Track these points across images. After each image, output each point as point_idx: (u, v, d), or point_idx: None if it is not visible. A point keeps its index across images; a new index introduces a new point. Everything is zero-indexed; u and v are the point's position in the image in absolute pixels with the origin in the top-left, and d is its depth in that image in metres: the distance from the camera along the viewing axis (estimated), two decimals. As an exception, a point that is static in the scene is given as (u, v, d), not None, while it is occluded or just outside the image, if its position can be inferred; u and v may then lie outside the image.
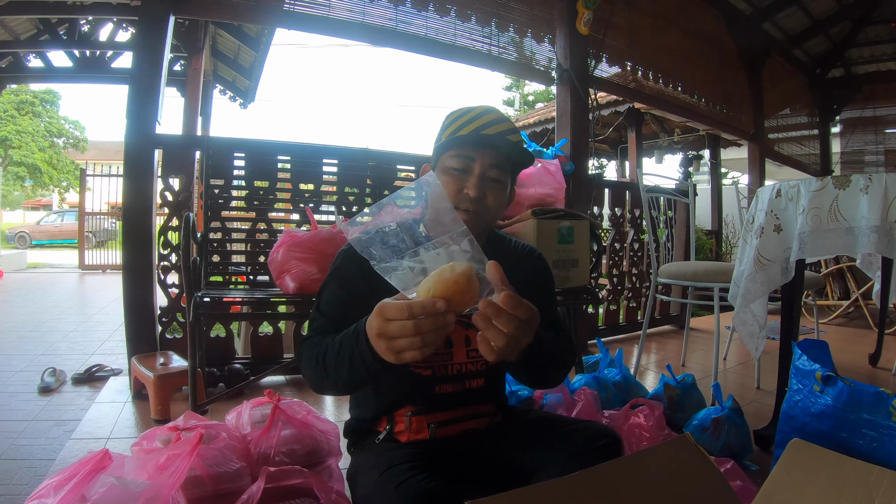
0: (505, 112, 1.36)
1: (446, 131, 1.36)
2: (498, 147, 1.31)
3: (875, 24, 6.99)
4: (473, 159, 1.30)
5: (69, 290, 8.35)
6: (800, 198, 2.05)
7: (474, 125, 1.32)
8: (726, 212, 7.57)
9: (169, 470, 1.26)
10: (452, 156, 1.32)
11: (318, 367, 1.17)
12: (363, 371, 1.07)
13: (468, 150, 1.31)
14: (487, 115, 1.34)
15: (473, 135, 1.30)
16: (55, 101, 20.69)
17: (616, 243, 4.64)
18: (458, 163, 1.31)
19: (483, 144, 1.30)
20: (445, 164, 1.33)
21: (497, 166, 1.31)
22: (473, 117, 1.33)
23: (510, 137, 1.33)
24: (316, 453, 1.67)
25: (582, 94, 4.07)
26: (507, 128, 1.33)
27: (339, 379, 1.13)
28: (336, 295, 1.31)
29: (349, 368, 1.09)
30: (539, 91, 23.34)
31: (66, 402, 2.72)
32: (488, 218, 1.35)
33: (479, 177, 1.29)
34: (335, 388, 1.20)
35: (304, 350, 1.26)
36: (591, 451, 1.21)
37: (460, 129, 1.33)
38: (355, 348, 1.06)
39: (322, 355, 1.16)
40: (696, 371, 3.37)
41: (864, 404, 1.50)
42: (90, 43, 6.07)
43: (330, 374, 1.14)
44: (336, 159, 3.10)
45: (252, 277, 2.88)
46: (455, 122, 1.35)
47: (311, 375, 1.22)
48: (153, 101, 2.82)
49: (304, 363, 1.25)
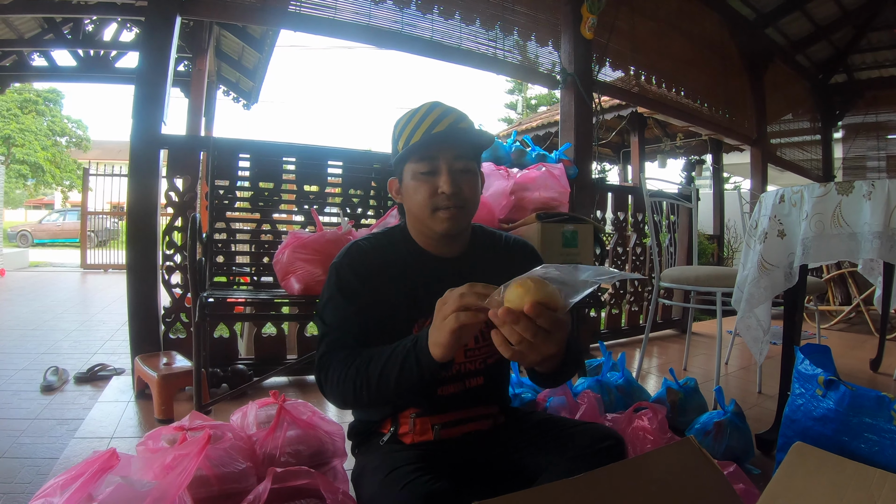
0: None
1: (400, 141, 1.36)
2: (453, 140, 1.32)
3: (878, 30, 6.98)
4: (437, 159, 1.30)
5: (71, 289, 8.35)
6: (803, 203, 2.06)
7: (425, 126, 1.32)
8: (728, 216, 7.57)
9: (176, 470, 1.27)
10: (415, 162, 1.32)
11: (359, 377, 1.18)
12: (416, 375, 1.11)
13: (428, 151, 1.31)
14: (433, 111, 1.34)
15: (427, 137, 1.30)
16: (58, 101, 20.65)
17: (619, 247, 4.65)
18: (424, 167, 1.31)
19: (439, 142, 1.31)
20: (412, 171, 1.33)
21: (461, 157, 1.32)
22: (421, 119, 1.33)
23: (461, 126, 1.33)
24: (321, 454, 1.68)
25: (586, 98, 4.08)
26: (454, 118, 1.33)
27: (385, 389, 1.15)
28: (342, 307, 1.31)
29: (398, 376, 1.13)
30: (542, 95, 23.37)
31: (69, 401, 2.73)
32: (470, 208, 1.35)
33: (448, 173, 1.30)
34: (376, 399, 1.20)
35: (328, 367, 1.25)
36: (595, 454, 1.22)
37: (413, 135, 1.33)
38: (411, 352, 1.12)
39: (365, 365, 1.18)
40: (698, 375, 3.37)
41: (867, 408, 1.51)
42: (94, 42, 6.07)
43: (373, 385, 1.16)
44: (340, 161, 3.11)
45: (256, 278, 2.89)
46: (405, 128, 1.35)
47: (344, 390, 1.21)
48: (159, 101, 2.82)
49: (330, 379, 1.24)
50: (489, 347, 1.42)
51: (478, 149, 1.41)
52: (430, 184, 1.30)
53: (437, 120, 1.32)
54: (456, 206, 1.30)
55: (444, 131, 1.31)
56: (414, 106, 1.38)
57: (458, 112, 1.35)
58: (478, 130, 1.39)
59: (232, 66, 7.77)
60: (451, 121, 1.33)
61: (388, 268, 1.36)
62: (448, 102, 1.36)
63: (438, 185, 1.29)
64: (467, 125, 1.35)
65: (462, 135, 1.33)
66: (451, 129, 1.31)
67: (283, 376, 3.20)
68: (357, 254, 1.37)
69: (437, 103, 1.36)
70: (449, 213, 1.30)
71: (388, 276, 1.35)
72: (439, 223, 1.32)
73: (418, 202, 1.32)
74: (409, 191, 1.35)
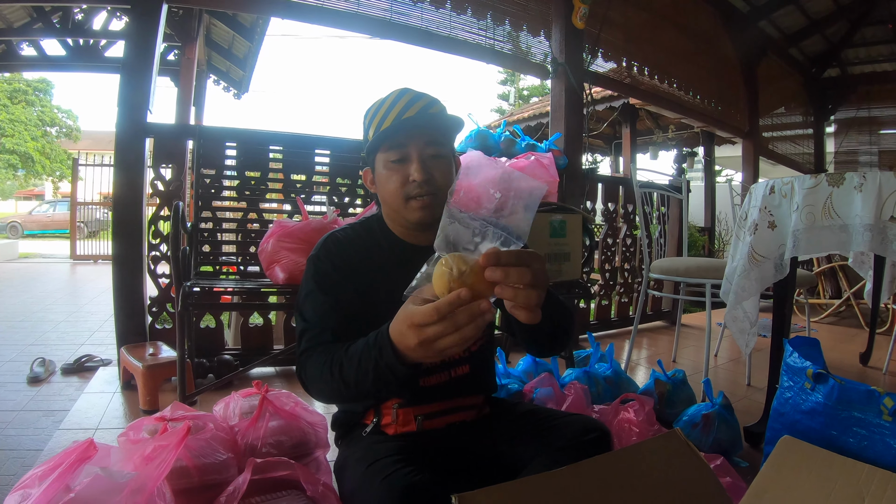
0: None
1: (371, 128, 1.34)
2: (424, 125, 1.29)
3: (872, 24, 7.00)
4: (406, 145, 1.28)
5: (60, 280, 8.31)
6: (794, 195, 2.05)
7: (394, 113, 1.29)
8: (719, 209, 7.58)
9: (155, 461, 1.25)
10: (386, 150, 1.30)
11: (334, 382, 1.14)
12: (392, 381, 1.04)
13: (398, 139, 1.28)
14: (402, 98, 1.31)
15: (397, 124, 1.28)
16: (48, 90, 20.57)
17: (608, 238, 4.65)
18: (394, 154, 1.29)
19: (409, 129, 1.28)
20: (383, 161, 1.31)
21: (432, 143, 1.30)
22: (390, 106, 1.31)
23: (431, 111, 1.31)
24: (303, 445, 1.67)
25: (577, 89, 4.06)
26: (424, 104, 1.31)
27: (364, 390, 1.10)
28: (321, 301, 1.28)
29: (375, 381, 1.06)
30: (534, 86, 23.39)
31: (55, 393, 2.71)
32: (442, 197, 1.30)
33: (418, 160, 1.27)
34: (356, 399, 1.19)
35: (307, 365, 1.23)
36: (581, 445, 1.21)
37: (382, 122, 1.30)
38: (380, 361, 1.03)
39: (339, 370, 1.13)
40: (687, 367, 3.37)
41: (856, 402, 1.50)
42: (84, 31, 6.00)
43: (352, 387, 1.11)
44: (328, 149, 3.09)
45: (243, 268, 2.87)
46: (375, 116, 1.33)
47: (325, 389, 1.18)
48: (145, 89, 2.79)
49: (311, 378, 1.21)
50: None
51: (449, 133, 1.38)
52: (401, 172, 1.28)
53: (406, 105, 1.30)
54: (428, 193, 1.28)
55: (413, 116, 1.29)
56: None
57: (428, 97, 1.33)
58: (447, 115, 1.36)
59: (222, 55, 7.73)
60: (421, 106, 1.30)
61: (366, 259, 1.34)
62: (443, 96, 1.34)
63: (409, 172, 1.27)
64: (438, 110, 1.33)
65: (431, 119, 1.30)
66: (420, 114, 1.29)
67: (270, 366, 3.18)
68: (334, 246, 1.35)
69: (407, 89, 1.34)
70: (421, 202, 1.28)
71: (367, 268, 1.33)
72: (412, 212, 1.30)
73: (390, 191, 1.30)
74: (381, 180, 1.33)
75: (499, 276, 0.88)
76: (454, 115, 1.36)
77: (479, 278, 0.88)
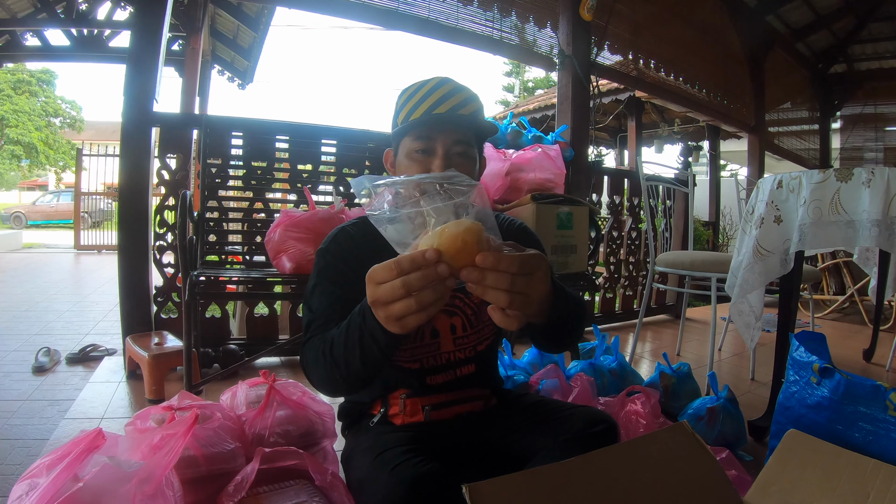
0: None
1: (401, 113, 1.30)
2: (455, 123, 1.26)
3: (879, 20, 6.96)
4: (434, 139, 1.25)
5: (64, 270, 8.31)
6: (801, 189, 2.04)
7: (427, 104, 1.26)
8: (724, 203, 7.58)
9: (163, 450, 1.25)
10: (412, 139, 1.26)
11: (326, 363, 1.12)
12: (376, 351, 1.01)
13: (426, 131, 1.25)
14: (439, 89, 1.28)
15: (426, 117, 1.25)
16: (52, 81, 20.58)
17: (614, 231, 4.63)
18: (420, 145, 1.25)
19: (438, 125, 1.25)
20: (407, 148, 1.27)
21: (460, 142, 1.26)
22: (425, 95, 1.27)
23: (463, 112, 1.27)
24: (311, 434, 1.67)
25: (583, 81, 4.05)
26: (459, 101, 1.27)
27: (353, 368, 1.07)
28: (328, 292, 1.26)
29: (361, 352, 1.04)
30: (539, 78, 23.33)
31: (61, 382, 2.71)
32: None
33: (443, 157, 1.24)
34: (349, 381, 1.13)
35: (307, 352, 1.21)
36: (588, 437, 1.20)
37: (415, 110, 1.27)
38: (364, 328, 1.01)
39: (329, 349, 1.12)
40: (691, 361, 3.36)
41: (862, 397, 1.50)
42: (88, 21, 5.99)
43: (341, 366, 1.09)
44: (335, 140, 3.09)
45: (248, 258, 2.87)
46: (409, 101, 1.29)
47: (321, 374, 1.17)
48: (151, 78, 2.79)
49: (309, 365, 1.20)
50: (478, 333, 1.40)
51: (480, 135, 1.34)
52: (423, 165, 1.25)
53: (442, 98, 1.26)
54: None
55: (445, 114, 1.25)
56: (421, 78, 1.33)
57: (466, 93, 1.29)
58: (480, 118, 1.32)
59: (227, 45, 7.73)
60: (457, 102, 1.27)
61: (375, 253, 1.29)
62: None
63: (431, 167, 1.24)
64: (473, 109, 1.29)
65: (463, 119, 1.27)
66: (453, 111, 1.26)
67: (275, 356, 3.18)
68: (344, 239, 1.33)
69: (446, 80, 1.30)
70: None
71: (376, 262, 1.30)
72: None
73: None
74: (401, 168, 1.30)
75: (474, 276, 0.85)
76: (488, 121, 1.33)
77: (465, 252, 0.83)
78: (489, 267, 0.84)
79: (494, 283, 0.85)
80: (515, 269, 0.85)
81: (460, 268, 0.84)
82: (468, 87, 1.31)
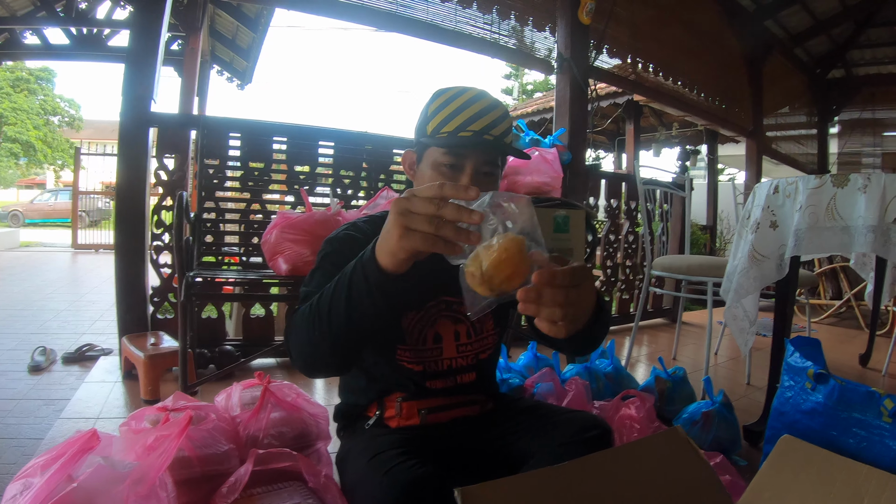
0: (498, 98, 1.20)
1: (433, 120, 1.26)
2: (490, 146, 1.23)
3: (878, 26, 6.99)
4: (465, 157, 1.21)
5: (61, 269, 8.32)
6: (797, 194, 2.04)
7: (462, 118, 1.22)
8: (721, 208, 7.58)
9: (157, 451, 1.25)
10: (442, 152, 1.22)
11: (310, 318, 1.06)
12: (363, 290, 0.97)
13: (459, 148, 1.22)
14: (475, 104, 1.23)
15: (468, 139, 1.22)
16: (51, 79, 20.58)
17: (611, 235, 4.64)
18: (449, 159, 1.22)
19: (474, 144, 1.22)
20: (434, 159, 1.24)
21: (489, 163, 1.24)
22: (461, 107, 1.23)
23: (496, 131, 1.23)
24: (305, 436, 1.67)
25: (582, 84, 4.05)
26: (493, 119, 1.23)
27: (336, 319, 1.01)
28: (329, 274, 1.15)
29: (348, 293, 0.99)
30: (538, 81, 23.33)
31: (56, 382, 2.71)
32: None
33: (471, 176, 1.21)
34: (329, 339, 1.05)
35: (294, 318, 1.14)
36: (582, 442, 1.20)
37: (448, 121, 1.23)
38: (358, 263, 0.99)
39: (317, 300, 1.07)
40: (687, 365, 3.37)
41: (856, 403, 1.50)
42: (87, 20, 5.97)
43: (324, 318, 1.03)
44: (332, 142, 3.09)
45: (245, 259, 2.87)
46: (442, 109, 1.25)
47: (301, 337, 1.09)
48: (149, 78, 2.78)
49: (293, 329, 1.13)
50: (481, 342, 1.40)
51: (506, 156, 1.33)
52: (448, 180, 1.17)
53: (478, 115, 1.22)
54: None
55: (480, 133, 1.22)
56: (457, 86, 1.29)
57: (501, 109, 1.26)
58: (514, 147, 1.31)
59: (226, 45, 7.72)
60: (492, 119, 1.23)
61: None
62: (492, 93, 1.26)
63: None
64: (506, 127, 1.26)
65: (500, 146, 1.25)
66: (486, 130, 1.22)
67: (271, 357, 3.18)
68: (355, 232, 1.29)
69: (483, 94, 1.26)
70: None
71: None
72: None
73: None
74: (423, 177, 1.26)
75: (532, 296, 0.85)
76: (517, 149, 1.32)
77: (508, 263, 0.82)
78: (545, 283, 0.84)
79: (551, 298, 0.85)
80: (569, 282, 0.85)
81: (503, 279, 0.84)
82: (501, 103, 1.28)
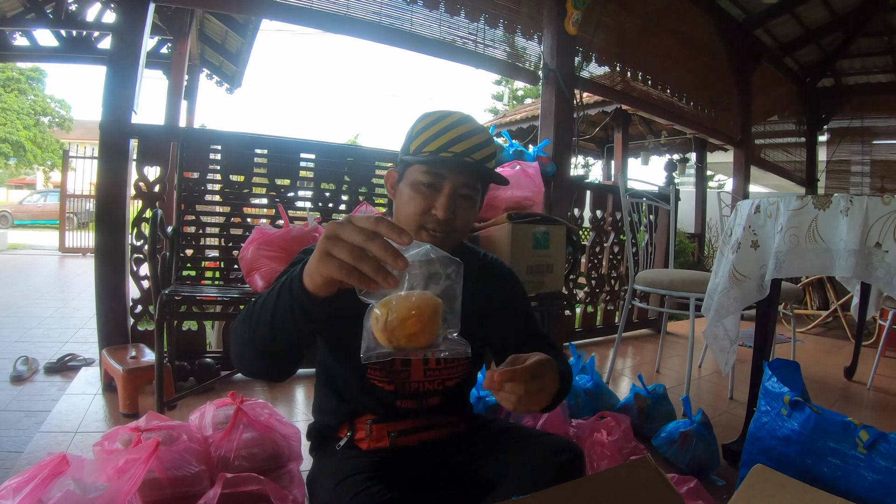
0: (480, 120, 1.19)
1: (415, 140, 1.27)
2: (468, 168, 1.24)
3: (868, 36, 7.03)
4: (444, 177, 1.22)
5: (48, 273, 8.28)
6: (779, 215, 2.04)
7: (444, 140, 1.23)
8: (710, 216, 7.63)
9: (127, 474, 1.27)
10: (422, 171, 1.23)
11: (244, 316, 1.06)
12: (286, 302, 0.95)
13: (438, 167, 1.23)
14: (458, 127, 1.24)
15: (448, 159, 1.22)
16: (41, 79, 20.47)
17: (596, 246, 4.65)
18: (427, 178, 1.22)
19: (452, 165, 1.23)
20: (413, 178, 1.24)
21: (467, 185, 1.24)
22: (444, 129, 1.24)
23: (477, 155, 1.24)
24: (276, 458, 1.67)
25: (567, 95, 4.05)
26: (475, 143, 1.24)
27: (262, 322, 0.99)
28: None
29: (275, 301, 0.97)
30: (529, 87, 23.36)
31: (38, 392, 2.70)
32: (455, 238, 1.28)
33: (448, 196, 1.22)
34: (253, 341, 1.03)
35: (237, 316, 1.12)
36: (553, 466, 1.20)
37: (430, 141, 1.23)
38: (292, 275, 0.96)
39: (253, 302, 1.05)
40: (672, 378, 3.38)
41: (831, 433, 1.50)
42: (77, 23, 5.96)
43: (253, 319, 1.01)
44: (313, 154, 3.08)
45: (226, 273, 2.85)
46: (426, 130, 1.26)
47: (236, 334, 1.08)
48: (129, 89, 2.76)
49: (233, 325, 1.11)
50: (450, 370, 1.39)
51: (487, 181, 1.33)
52: (425, 199, 1.22)
53: (460, 137, 1.23)
54: (444, 231, 1.23)
55: (460, 155, 1.23)
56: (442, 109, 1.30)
57: (484, 135, 1.26)
58: (493, 172, 1.31)
59: (215, 49, 7.72)
60: (474, 144, 1.24)
61: None
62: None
63: (434, 204, 1.22)
64: (488, 153, 1.27)
65: (480, 169, 1.25)
66: (467, 153, 1.23)
67: (252, 370, 3.15)
68: None
69: (467, 118, 1.27)
70: (433, 238, 1.22)
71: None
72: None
73: (408, 213, 1.24)
74: (403, 196, 1.26)
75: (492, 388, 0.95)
76: (497, 174, 1.32)
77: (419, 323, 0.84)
78: (505, 380, 0.94)
79: (511, 390, 0.95)
80: (529, 378, 0.95)
81: (407, 335, 0.85)
82: (486, 129, 1.29)
